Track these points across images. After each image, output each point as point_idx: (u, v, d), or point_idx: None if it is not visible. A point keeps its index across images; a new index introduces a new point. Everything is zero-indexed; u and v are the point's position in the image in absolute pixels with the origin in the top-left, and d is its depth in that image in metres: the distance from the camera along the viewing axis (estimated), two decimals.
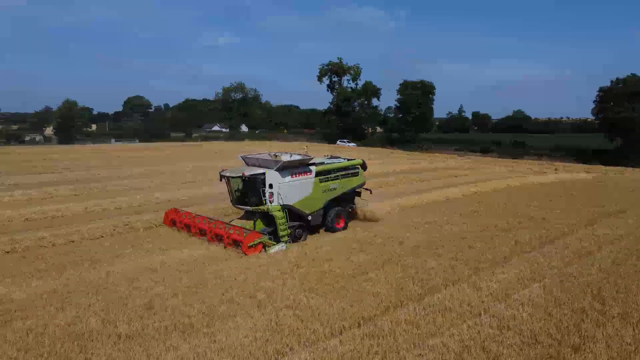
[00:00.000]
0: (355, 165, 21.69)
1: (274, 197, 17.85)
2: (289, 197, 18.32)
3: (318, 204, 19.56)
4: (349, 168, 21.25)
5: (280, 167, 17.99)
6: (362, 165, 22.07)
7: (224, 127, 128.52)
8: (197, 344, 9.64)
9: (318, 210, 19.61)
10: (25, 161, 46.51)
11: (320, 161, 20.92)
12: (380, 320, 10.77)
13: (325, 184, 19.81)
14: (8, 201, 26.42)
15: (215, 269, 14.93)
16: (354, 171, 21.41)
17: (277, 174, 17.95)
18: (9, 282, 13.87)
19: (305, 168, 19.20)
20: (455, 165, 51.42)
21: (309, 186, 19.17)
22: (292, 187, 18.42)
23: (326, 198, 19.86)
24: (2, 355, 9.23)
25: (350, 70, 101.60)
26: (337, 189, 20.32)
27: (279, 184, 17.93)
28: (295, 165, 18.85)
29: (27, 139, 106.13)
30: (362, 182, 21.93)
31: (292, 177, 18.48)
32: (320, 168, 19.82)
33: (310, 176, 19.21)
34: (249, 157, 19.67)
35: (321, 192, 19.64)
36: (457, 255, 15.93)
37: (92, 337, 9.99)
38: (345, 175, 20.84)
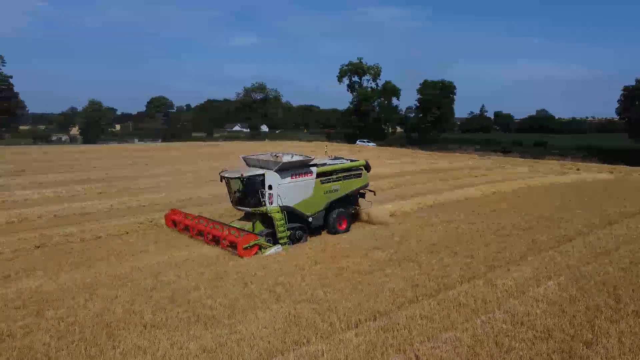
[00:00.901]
0: (358, 166, 21.36)
1: (273, 199, 17.73)
2: (289, 199, 18.15)
3: (319, 205, 19.32)
4: (351, 169, 20.95)
5: (280, 168, 17.84)
6: (366, 167, 21.71)
7: (244, 127, 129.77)
8: (218, 334, 10.06)
9: (319, 212, 19.37)
10: (52, 160, 47.88)
11: (322, 162, 20.75)
12: (395, 314, 11.04)
13: (327, 185, 19.57)
14: (37, 198, 27.40)
15: (236, 264, 15.43)
16: (356, 172, 21.06)
17: (277, 175, 17.80)
18: (40, 274, 14.59)
19: (306, 169, 18.98)
20: (475, 165, 51.17)
21: (310, 187, 18.96)
22: (292, 188, 18.24)
23: (328, 199, 19.61)
24: (37, 341, 9.79)
25: (370, 70, 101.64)
26: (339, 190, 20.01)
27: (278, 185, 17.77)
28: (295, 166, 18.66)
29: (53, 139, 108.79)
30: (365, 184, 21.59)
31: (292, 178, 18.28)
32: (321, 169, 19.59)
33: (310, 177, 18.99)
34: (250, 158, 19.54)
35: (322, 194, 19.39)
36: (473, 253, 16.10)
37: (119, 326, 10.50)
38: (347, 177, 20.51)
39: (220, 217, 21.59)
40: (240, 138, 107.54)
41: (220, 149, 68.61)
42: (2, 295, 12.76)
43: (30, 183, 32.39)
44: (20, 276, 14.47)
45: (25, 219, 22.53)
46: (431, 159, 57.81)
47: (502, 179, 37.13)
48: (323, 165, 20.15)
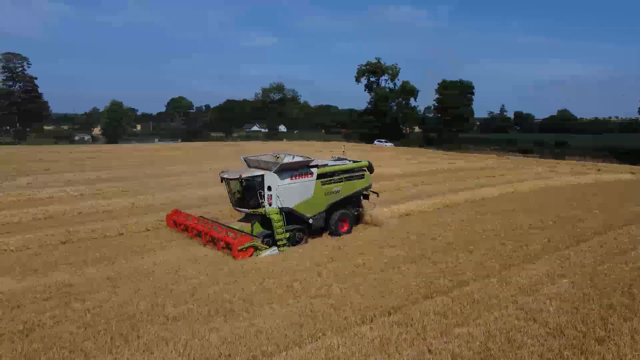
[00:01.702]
0: (361, 167, 21.07)
1: (272, 200, 17.59)
2: (288, 200, 17.98)
3: (320, 207, 19.11)
4: (354, 170, 20.64)
5: (279, 168, 17.70)
6: (369, 168, 21.47)
7: (262, 127, 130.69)
8: (237, 327, 10.41)
9: (320, 214, 19.15)
10: (76, 159, 49.04)
11: (324, 163, 20.39)
12: (409, 310, 11.26)
13: (328, 187, 19.34)
14: (62, 196, 28.16)
15: (254, 261, 15.81)
16: (359, 173, 20.78)
17: (276, 176, 17.64)
18: (66, 268, 15.16)
19: (306, 170, 18.73)
20: (493, 165, 50.93)
21: (310, 188, 18.72)
22: (291, 190, 18.07)
23: (329, 201, 19.39)
24: (65, 331, 10.26)
25: (388, 70, 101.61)
26: (340, 191, 19.80)
27: (277, 186, 17.62)
28: (295, 167, 18.44)
29: (76, 139, 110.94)
30: (368, 185, 21.30)
31: (291, 179, 18.09)
32: (322, 170, 19.32)
33: (311, 178, 18.75)
34: (251, 159, 19.46)
35: (323, 195, 19.17)
36: (488, 252, 16.23)
37: (143, 318, 10.92)
38: (349, 178, 20.23)
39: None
40: (258, 138, 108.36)
41: (240, 148, 69.25)
42: (31, 287, 13.33)
43: (54, 181, 33.27)
44: (47, 270, 15.05)
45: (51, 216, 23.23)
46: (449, 159, 57.64)
47: (520, 179, 36.95)
48: (324, 166, 19.87)
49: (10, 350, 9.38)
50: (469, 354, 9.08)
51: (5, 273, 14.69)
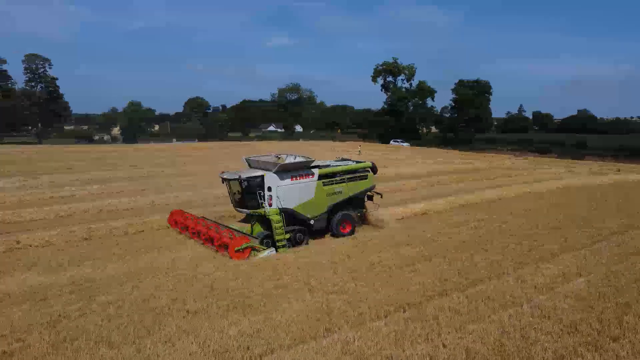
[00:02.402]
0: (364, 168, 20.87)
1: (272, 200, 17.50)
2: (289, 201, 17.86)
3: (321, 208, 18.90)
4: (356, 171, 20.43)
5: (279, 169, 17.61)
6: (372, 168, 21.20)
7: (279, 127, 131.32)
8: (255, 321, 10.69)
9: (321, 215, 18.94)
10: (96, 158, 49.94)
11: (326, 164, 20.33)
12: (424, 306, 11.43)
13: (330, 188, 19.13)
14: (83, 194, 28.81)
15: (271, 257, 16.08)
16: (362, 174, 20.54)
17: (276, 177, 17.55)
18: (89, 264, 15.62)
19: (307, 171, 18.59)
20: (510, 165, 50.58)
21: (311, 189, 18.55)
22: (292, 190, 17.93)
23: (330, 202, 19.15)
24: (90, 322, 10.65)
25: (404, 70, 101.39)
26: (342, 192, 19.53)
27: (277, 186, 17.52)
28: (296, 168, 18.35)
29: (95, 139, 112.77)
30: (371, 186, 21.04)
31: (292, 179, 17.95)
32: (323, 171, 19.16)
33: (312, 179, 18.58)
34: (252, 159, 19.28)
35: (325, 196, 18.96)
36: (504, 251, 16.28)
37: (164, 312, 11.26)
38: (352, 179, 19.98)
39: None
40: (275, 138, 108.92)
41: (252, 148, 69.79)
42: (56, 281, 13.80)
43: (76, 180, 34.02)
44: (71, 265, 15.52)
45: (73, 213, 23.82)
46: (466, 159, 57.37)
47: (538, 180, 36.67)
48: (326, 167, 19.74)
49: (39, 340, 9.78)
50: (483, 349, 9.23)
51: (32, 268, 15.21)
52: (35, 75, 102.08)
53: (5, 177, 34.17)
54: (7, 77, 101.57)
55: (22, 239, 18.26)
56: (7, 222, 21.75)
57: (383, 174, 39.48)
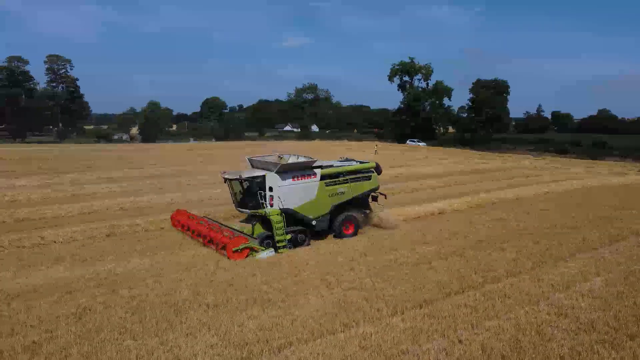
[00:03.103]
0: (367, 168, 20.58)
1: (273, 201, 17.36)
2: (290, 201, 17.68)
3: (323, 208, 18.68)
4: (360, 171, 20.15)
5: (280, 169, 17.48)
6: (376, 169, 20.93)
7: (295, 127, 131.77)
8: (274, 315, 10.92)
9: (324, 215, 18.73)
10: (116, 157, 50.78)
11: (329, 164, 20.10)
12: (440, 303, 11.55)
13: (332, 188, 18.89)
14: (105, 192, 29.41)
15: (289, 254, 16.35)
16: (365, 175, 20.26)
17: (277, 177, 17.38)
18: (112, 259, 16.05)
19: (309, 171, 18.40)
20: (528, 165, 50.23)
21: (313, 190, 18.35)
22: (293, 191, 17.74)
23: (333, 203, 18.92)
24: (114, 315, 10.97)
25: (421, 70, 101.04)
26: (345, 193, 19.30)
27: (278, 186, 17.36)
28: (297, 168, 18.23)
29: (115, 138, 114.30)
30: (375, 187, 20.72)
31: (293, 180, 17.76)
32: (326, 171, 18.91)
33: (314, 179, 18.37)
34: (254, 159, 19.13)
35: (327, 197, 18.72)
36: (521, 250, 16.28)
37: (185, 305, 11.55)
38: (355, 179, 19.73)
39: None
40: (291, 138, 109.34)
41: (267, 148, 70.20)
42: (81, 275, 14.21)
43: (97, 178, 34.72)
44: (95, 260, 15.95)
45: (95, 211, 24.35)
46: (483, 159, 57.09)
47: (556, 179, 36.43)
48: (329, 167, 19.56)
49: (66, 331, 10.13)
50: (498, 345, 9.31)
51: (58, 262, 15.68)
52: (57, 76, 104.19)
53: (29, 175, 35.02)
54: (30, 77, 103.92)
55: (46, 235, 18.82)
56: (31, 219, 22.33)
57: (400, 173, 39.65)
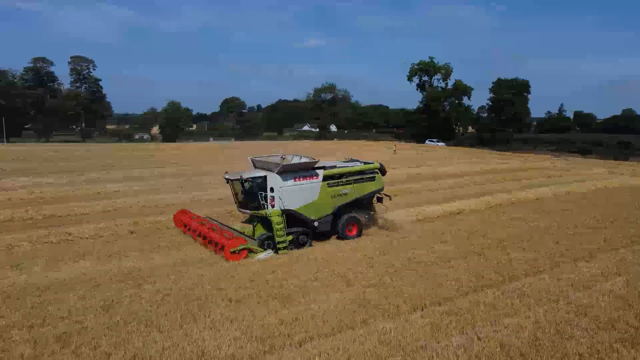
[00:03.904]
0: (372, 169, 20.24)
1: (275, 201, 17.24)
2: (292, 202, 17.50)
3: (326, 209, 18.44)
4: (364, 172, 19.85)
5: (281, 170, 17.31)
6: (381, 170, 20.59)
7: (313, 127, 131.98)
8: (294, 310, 11.16)
9: (326, 217, 18.47)
10: (138, 157, 51.69)
11: (332, 165, 19.80)
12: (459, 301, 11.66)
13: (335, 189, 18.66)
14: (127, 191, 29.98)
15: (307, 252, 16.59)
16: (370, 176, 19.96)
17: (278, 177, 17.24)
18: (136, 255, 16.47)
19: (311, 172, 18.22)
20: (549, 165, 49.64)
21: (315, 191, 18.14)
22: (294, 191, 17.58)
23: (336, 204, 18.67)
24: (140, 308, 11.33)
25: (441, 69, 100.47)
26: (348, 194, 19.04)
27: (279, 187, 17.22)
28: (299, 169, 18.07)
29: (136, 137, 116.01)
30: (379, 188, 20.42)
31: (295, 180, 17.60)
32: (328, 172, 18.70)
33: (316, 180, 18.18)
34: (257, 159, 18.98)
35: (330, 198, 18.49)
36: (540, 249, 16.27)
37: (208, 299, 11.86)
38: (359, 180, 19.47)
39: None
40: (309, 137, 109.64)
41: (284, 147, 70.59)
42: (107, 270, 14.64)
43: (119, 176, 35.42)
44: (120, 256, 16.38)
45: (118, 208, 24.88)
46: (503, 159, 56.59)
47: (577, 180, 35.99)
48: (332, 167, 19.29)
49: (95, 322, 10.51)
50: (517, 342, 9.40)
51: (84, 257, 16.13)
52: (80, 76, 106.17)
53: (54, 173, 35.91)
54: (54, 78, 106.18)
55: (72, 231, 19.33)
56: (58, 216, 22.94)
57: (418, 173, 39.62)
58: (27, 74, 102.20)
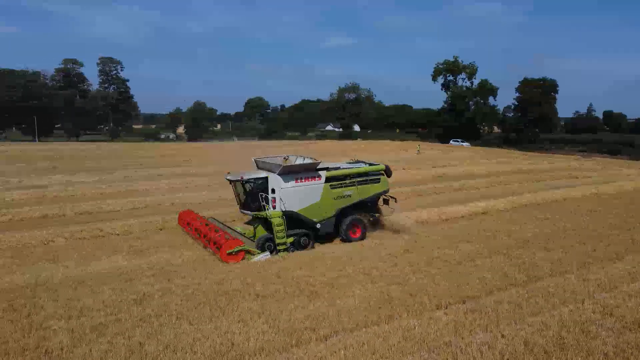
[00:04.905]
0: (376, 171, 19.95)
1: (276, 203, 17.15)
2: (293, 203, 17.38)
3: (328, 211, 18.23)
4: (368, 174, 19.56)
5: (282, 171, 17.23)
6: (386, 171, 20.23)
7: (337, 127, 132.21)
8: (319, 306, 11.41)
9: (328, 218, 18.26)
10: (164, 156, 52.71)
11: (335, 166, 19.65)
12: (483, 299, 11.74)
13: (338, 191, 18.44)
14: (155, 188, 30.70)
15: (332, 249, 16.86)
16: (374, 177, 19.67)
17: (280, 179, 17.14)
18: (166, 250, 16.98)
19: (313, 173, 18.06)
20: (577, 166, 48.82)
21: (317, 192, 17.98)
22: (295, 193, 17.46)
23: (338, 206, 18.45)
24: (171, 302, 11.73)
25: (466, 69, 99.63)
26: (352, 196, 18.78)
27: (280, 188, 17.13)
28: (301, 170, 17.95)
29: (162, 137, 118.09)
30: (384, 190, 20.03)
31: (296, 182, 17.48)
32: (331, 173, 18.53)
33: (318, 182, 18.02)
34: (260, 160, 18.95)
35: (332, 199, 18.28)
36: (567, 250, 16.17)
37: (236, 294, 12.19)
38: (363, 182, 19.19)
39: None
40: (332, 137, 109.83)
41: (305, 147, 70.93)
42: (139, 265, 15.17)
43: (148, 175, 36.24)
44: (150, 251, 16.91)
45: (147, 206, 25.55)
46: (529, 159, 55.85)
47: (606, 181, 35.36)
48: (336, 169, 19.17)
49: (129, 314, 10.93)
50: (541, 341, 9.45)
51: (116, 253, 16.70)
52: (109, 77, 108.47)
53: (85, 171, 36.93)
54: (84, 79, 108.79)
55: (104, 228, 19.97)
56: (89, 213, 23.68)
57: (443, 173, 39.49)
58: (57, 75, 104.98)
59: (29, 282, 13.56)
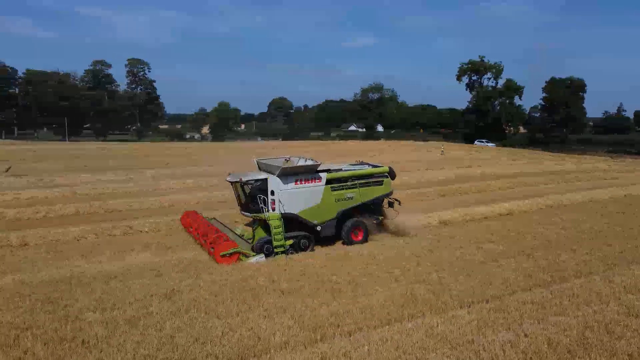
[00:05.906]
0: (380, 173, 19.64)
1: (275, 205, 17.04)
2: (292, 205, 17.24)
3: (329, 213, 18.01)
4: (370, 176, 19.29)
5: (281, 172, 17.10)
6: (390, 174, 19.86)
7: (360, 127, 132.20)
8: (344, 303, 11.63)
9: (330, 221, 18.02)
10: (190, 155, 53.57)
11: (337, 168, 19.53)
12: (507, 299, 11.78)
13: (339, 193, 18.24)
14: (181, 187, 31.37)
15: (357, 248, 17.06)
16: (377, 180, 19.30)
17: (279, 180, 17.05)
18: (193, 247, 17.50)
19: (314, 175, 17.90)
20: (605, 167, 47.93)
21: (318, 194, 17.81)
22: (295, 195, 17.33)
23: (340, 208, 18.21)
24: (199, 296, 12.09)
25: (491, 68, 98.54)
26: (354, 198, 18.52)
27: (280, 190, 17.02)
28: (300, 172, 17.75)
29: (187, 137, 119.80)
30: (387, 192, 19.65)
31: (296, 183, 17.36)
32: (332, 175, 18.38)
33: (319, 184, 17.85)
34: (261, 162, 18.86)
35: (333, 202, 18.09)
36: (593, 251, 16.05)
37: (262, 290, 12.51)
38: (365, 184, 18.90)
39: None
40: (356, 138, 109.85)
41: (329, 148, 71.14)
42: (168, 261, 15.64)
43: (173, 174, 36.96)
44: (178, 248, 17.42)
45: (174, 204, 26.11)
46: (556, 160, 55.04)
47: (635, 182, 34.72)
48: (337, 171, 19.07)
49: (159, 308, 11.33)
50: (565, 340, 9.49)
51: (146, 249, 17.26)
52: (136, 78, 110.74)
53: (113, 170, 37.84)
54: (112, 80, 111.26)
55: (134, 225, 20.59)
56: (119, 210, 24.38)
57: (467, 174, 39.23)
58: (87, 76, 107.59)
59: (64, 276, 14.11)
